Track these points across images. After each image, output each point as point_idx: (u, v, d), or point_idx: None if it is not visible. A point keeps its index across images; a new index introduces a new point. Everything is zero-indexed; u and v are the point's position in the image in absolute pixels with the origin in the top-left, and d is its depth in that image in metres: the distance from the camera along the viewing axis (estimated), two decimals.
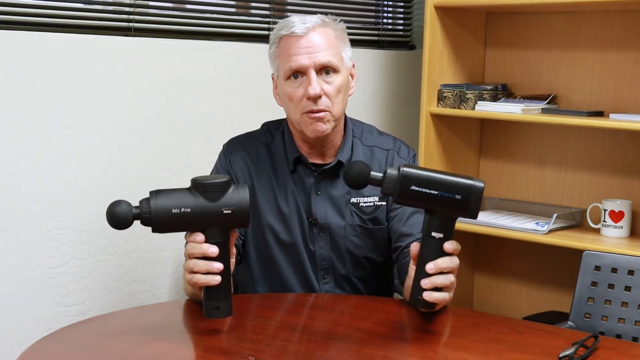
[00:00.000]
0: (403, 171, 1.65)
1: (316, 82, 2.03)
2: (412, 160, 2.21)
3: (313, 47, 2.04)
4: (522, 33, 3.19)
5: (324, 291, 2.14)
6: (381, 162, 2.18)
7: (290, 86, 2.07)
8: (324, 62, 2.05)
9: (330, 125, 2.08)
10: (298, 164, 2.15)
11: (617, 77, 2.96)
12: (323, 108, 2.05)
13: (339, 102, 2.08)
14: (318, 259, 2.13)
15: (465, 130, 3.24)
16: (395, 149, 2.20)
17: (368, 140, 2.20)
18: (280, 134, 2.19)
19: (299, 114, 2.06)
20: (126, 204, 1.67)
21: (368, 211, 2.15)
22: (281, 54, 2.08)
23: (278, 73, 2.11)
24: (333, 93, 2.06)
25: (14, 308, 2.42)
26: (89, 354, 1.68)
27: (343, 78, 2.09)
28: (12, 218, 2.40)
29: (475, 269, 3.39)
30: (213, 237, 1.70)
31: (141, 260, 2.68)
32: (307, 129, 2.07)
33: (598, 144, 3.03)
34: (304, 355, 1.69)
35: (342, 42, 2.11)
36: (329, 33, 2.08)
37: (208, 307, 1.72)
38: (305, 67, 2.04)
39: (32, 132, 2.41)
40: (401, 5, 3.50)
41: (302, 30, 2.05)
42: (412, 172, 1.65)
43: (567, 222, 2.99)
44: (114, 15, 2.61)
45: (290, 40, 2.06)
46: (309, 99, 2.04)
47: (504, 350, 1.71)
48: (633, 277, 2.14)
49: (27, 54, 2.39)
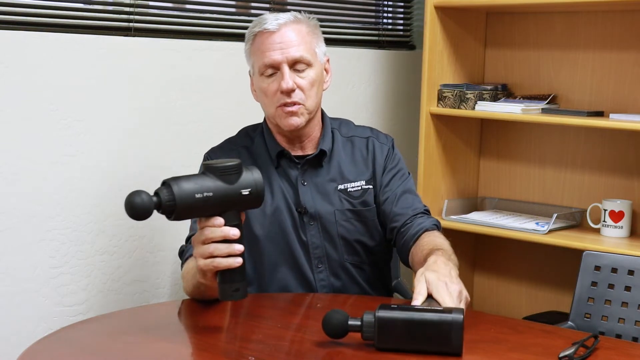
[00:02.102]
0: (378, 315, 1.63)
1: (289, 77, 2.08)
2: (391, 146, 2.25)
3: (285, 42, 2.09)
4: (522, 33, 3.19)
5: (319, 280, 2.15)
6: (362, 149, 2.23)
7: (265, 81, 2.12)
8: (296, 57, 2.09)
9: (305, 119, 2.13)
10: (281, 158, 2.18)
11: (617, 77, 2.96)
12: (297, 101, 2.10)
13: (313, 96, 2.13)
14: (311, 247, 2.15)
15: (465, 130, 3.24)
16: (374, 135, 2.26)
17: (346, 131, 2.26)
18: (260, 135, 2.23)
19: (273, 107, 2.12)
20: (145, 194, 1.63)
21: (356, 195, 2.19)
22: (255, 50, 2.13)
23: (253, 69, 2.17)
24: (307, 87, 2.11)
25: (14, 308, 2.42)
26: (89, 354, 1.68)
27: (316, 72, 2.13)
28: (12, 218, 2.40)
29: (475, 269, 3.39)
30: (230, 220, 1.71)
31: (141, 260, 2.68)
32: (282, 122, 2.12)
33: (598, 144, 3.03)
34: (304, 355, 1.69)
35: (315, 37, 2.16)
36: (302, 29, 2.13)
37: (227, 290, 1.73)
38: (278, 63, 2.09)
39: (32, 132, 2.41)
40: (401, 5, 3.50)
41: (274, 26, 2.10)
42: (387, 315, 1.63)
43: (567, 222, 2.99)
44: (114, 15, 2.61)
45: (264, 37, 2.11)
46: (283, 92, 2.09)
47: (504, 350, 1.71)
48: (633, 277, 2.14)
49: (27, 54, 2.39)
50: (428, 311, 1.63)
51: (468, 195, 3.29)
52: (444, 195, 3.17)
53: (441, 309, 1.64)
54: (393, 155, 2.24)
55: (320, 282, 2.15)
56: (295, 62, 2.10)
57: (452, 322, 1.61)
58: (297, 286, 2.15)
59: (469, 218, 3.08)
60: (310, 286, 2.15)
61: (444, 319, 1.62)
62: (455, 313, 1.62)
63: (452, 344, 1.61)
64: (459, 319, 1.61)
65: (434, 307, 1.66)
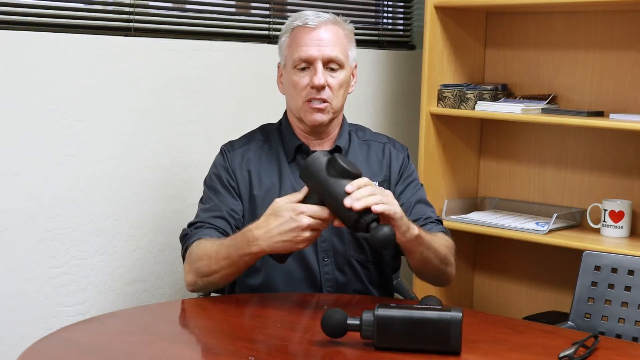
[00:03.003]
0: (378, 314, 1.64)
1: (321, 74, 2.13)
2: (407, 156, 2.30)
3: (323, 40, 2.15)
4: (522, 33, 3.19)
5: (324, 273, 2.16)
6: (378, 153, 2.27)
7: (297, 75, 2.16)
8: (331, 56, 2.15)
9: (328, 117, 2.18)
10: (298, 152, 2.21)
11: (617, 77, 2.96)
12: (325, 98, 2.15)
13: (340, 96, 2.18)
14: (318, 240, 2.15)
15: (465, 130, 3.24)
16: (390, 143, 2.31)
17: (362, 135, 2.31)
18: (276, 130, 2.26)
19: (300, 101, 2.16)
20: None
21: None
22: (292, 43, 2.18)
23: (286, 61, 2.21)
24: (336, 87, 2.16)
25: (14, 308, 2.42)
26: (89, 354, 1.68)
27: (346, 75, 2.19)
28: (12, 218, 2.40)
29: (475, 269, 3.39)
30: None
31: (141, 260, 2.68)
32: (307, 117, 2.16)
33: (598, 144, 3.03)
34: (304, 355, 1.70)
35: (349, 41, 2.22)
36: (339, 31, 2.19)
37: (283, 258, 1.96)
38: (314, 58, 2.14)
39: (32, 132, 2.41)
40: (401, 5, 3.50)
41: (315, 23, 2.16)
42: (386, 314, 1.64)
43: (567, 222, 2.99)
44: (114, 15, 2.61)
45: (303, 32, 2.16)
46: (313, 88, 2.13)
47: (504, 350, 1.71)
48: (633, 277, 2.14)
49: (27, 54, 2.39)
50: (427, 310, 1.64)
51: (468, 195, 3.29)
52: (444, 195, 3.17)
53: (440, 307, 1.65)
54: (408, 164, 2.29)
55: (325, 276, 2.16)
56: (329, 61, 2.15)
57: (451, 320, 1.62)
58: (302, 278, 2.16)
59: (469, 218, 3.08)
60: (314, 278, 2.15)
61: (442, 317, 1.62)
62: (454, 311, 1.63)
63: (451, 342, 1.62)
64: (458, 317, 1.62)
65: (433, 306, 1.66)
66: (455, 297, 3.29)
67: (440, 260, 2.06)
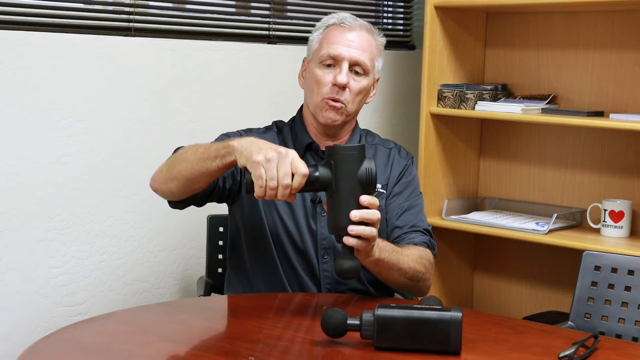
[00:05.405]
0: (378, 314, 1.64)
1: (346, 74, 2.15)
2: (410, 163, 2.31)
3: (355, 42, 2.18)
4: (522, 33, 3.19)
5: (323, 270, 2.16)
6: (383, 157, 2.27)
7: (322, 70, 2.18)
8: (359, 60, 2.17)
9: (342, 119, 2.18)
10: (308, 150, 2.22)
11: (617, 77, 2.96)
12: (342, 99, 2.16)
13: (356, 102, 2.20)
14: (319, 237, 2.15)
15: (465, 130, 3.24)
16: (397, 148, 2.32)
17: (371, 140, 2.33)
18: (288, 127, 2.27)
19: (320, 97, 2.17)
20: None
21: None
22: (323, 39, 2.20)
23: (313, 56, 2.22)
24: (356, 91, 2.18)
25: (14, 308, 2.42)
26: (89, 354, 1.68)
27: (368, 83, 2.21)
28: (12, 218, 2.40)
29: (475, 269, 3.39)
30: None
31: (141, 260, 2.68)
32: (321, 114, 2.17)
33: (598, 144, 3.03)
34: (304, 355, 1.69)
35: (379, 53, 2.26)
36: (371, 39, 2.23)
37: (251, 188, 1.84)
38: (342, 57, 2.16)
39: (32, 132, 2.42)
40: (401, 5, 3.50)
41: (350, 24, 2.20)
42: (386, 314, 1.64)
43: (567, 222, 2.99)
44: (114, 15, 2.61)
45: (337, 30, 2.19)
46: (335, 85, 2.14)
47: (504, 350, 1.71)
48: (633, 277, 2.14)
49: (27, 54, 2.39)
50: (427, 310, 1.64)
51: (468, 195, 3.29)
52: (444, 195, 3.17)
53: (440, 307, 1.65)
54: (409, 171, 2.29)
55: (324, 273, 2.16)
56: (355, 64, 2.17)
57: (451, 320, 1.62)
58: (301, 275, 2.16)
59: (469, 218, 3.08)
60: (315, 275, 2.15)
61: (442, 317, 1.62)
62: (454, 311, 1.63)
63: (451, 342, 1.62)
64: (458, 317, 1.62)
65: (433, 306, 1.66)
66: (455, 297, 3.29)
67: (408, 277, 2.04)
